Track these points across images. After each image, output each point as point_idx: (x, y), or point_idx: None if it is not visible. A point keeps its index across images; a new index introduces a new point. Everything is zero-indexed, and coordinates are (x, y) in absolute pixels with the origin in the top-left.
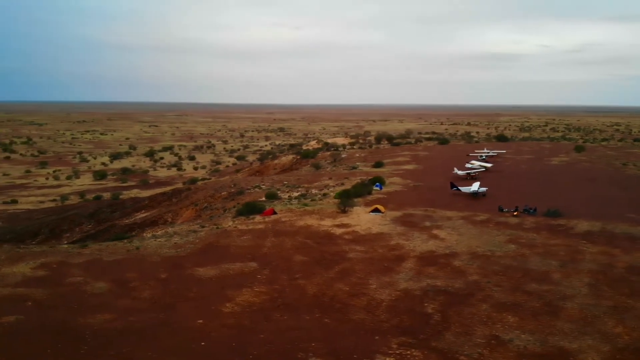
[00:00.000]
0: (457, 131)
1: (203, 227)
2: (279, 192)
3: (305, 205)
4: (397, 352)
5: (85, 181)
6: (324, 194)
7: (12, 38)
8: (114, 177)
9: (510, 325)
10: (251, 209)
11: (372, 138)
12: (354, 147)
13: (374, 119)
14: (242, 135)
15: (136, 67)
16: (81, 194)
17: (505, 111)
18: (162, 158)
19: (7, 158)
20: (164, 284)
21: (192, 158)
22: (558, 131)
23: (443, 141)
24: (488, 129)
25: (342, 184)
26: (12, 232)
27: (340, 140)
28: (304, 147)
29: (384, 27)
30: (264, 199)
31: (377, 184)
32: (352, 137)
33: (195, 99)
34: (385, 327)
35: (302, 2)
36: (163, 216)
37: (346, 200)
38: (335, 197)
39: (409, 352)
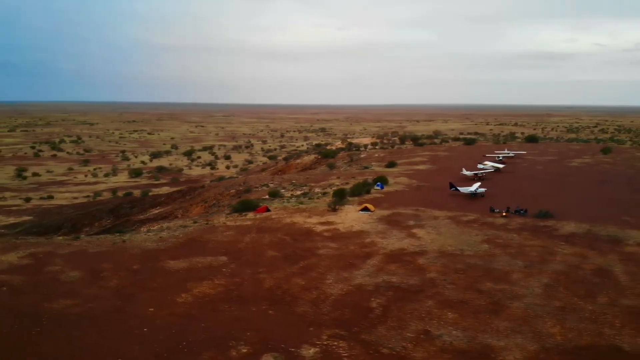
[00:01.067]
0: (501, 132)
1: (195, 222)
2: (283, 190)
3: (301, 203)
4: (325, 343)
5: (121, 179)
6: (324, 193)
7: (71, 41)
8: (149, 175)
9: (447, 322)
10: (246, 206)
11: (397, 138)
12: (376, 147)
13: (418, 119)
14: (282, 136)
15: (187, 69)
16: (114, 190)
17: (558, 111)
18: (199, 157)
19: (54, 156)
20: (132, 275)
21: (227, 157)
22: (607, 132)
23: (469, 141)
24: (535, 129)
25: (347, 183)
26: (39, 226)
27: (365, 141)
28: (329, 147)
29: (432, 26)
30: (267, 196)
31: (379, 183)
32: (377, 137)
33: (242, 100)
34: (324, 320)
35: (345, 2)
36: (174, 212)
37: (337, 199)
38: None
39: (335, 343)
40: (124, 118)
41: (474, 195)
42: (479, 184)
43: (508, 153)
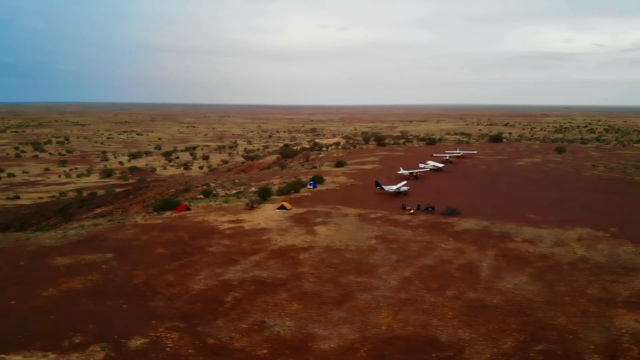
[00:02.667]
0: (490, 132)
1: (110, 221)
2: (220, 189)
3: (226, 202)
4: (158, 334)
5: (93, 179)
6: (255, 192)
7: (70, 42)
8: (120, 175)
9: (287, 313)
10: (166, 205)
11: (361, 139)
12: (339, 147)
13: (413, 120)
14: (270, 136)
15: (187, 70)
16: (79, 191)
17: (555, 111)
18: (177, 158)
19: (36, 157)
20: (14, 270)
21: (205, 158)
22: (595, 132)
23: (431, 142)
24: (523, 129)
25: (284, 182)
26: None
27: (332, 141)
28: (295, 148)
29: (432, 27)
30: (200, 196)
31: (312, 182)
32: (345, 137)
33: (241, 100)
34: (171, 313)
35: (345, 3)
36: (114, 212)
37: (259, 198)
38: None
39: (168, 335)
40: (117, 119)
41: (397, 193)
42: (403, 182)
43: (457, 153)
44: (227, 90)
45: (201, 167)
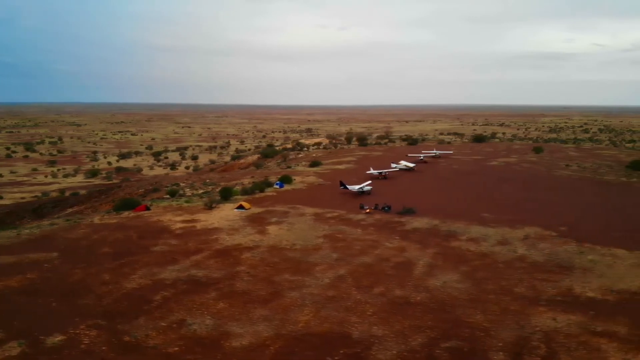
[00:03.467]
0: (484, 132)
1: (67, 220)
2: (189, 189)
3: (188, 202)
4: (77, 331)
5: (78, 179)
6: (217, 192)
7: (70, 42)
8: (105, 175)
9: (210, 312)
10: (126, 205)
11: (344, 139)
12: (320, 147)
13: (410, 120)
14: (264, 136)
15: (187, 70)
16: (62, 190)
17: (554, 111)
18: (166, 158)
19: (26, 157)
20: None
21: (194, 158)
22: (589, 132)
23: (413, 142)
24: (518, 129)
25: (254, 182)
26: None
27: (316, 140)
28: (278, 148)
29: (432, 27)
30: (166, 195)
31: (278, 182)
32: (329, 137)
33: (241, 101)
34: (96, 311)
35: (345, 3)
36: (84, 212)
37: (215, 198)
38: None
39: (87, 332)
40: (114, 119)
41: (360, 193)
42: (368, 182)
43: (432, 153)
44: (227, 91)
45: (187, 168)
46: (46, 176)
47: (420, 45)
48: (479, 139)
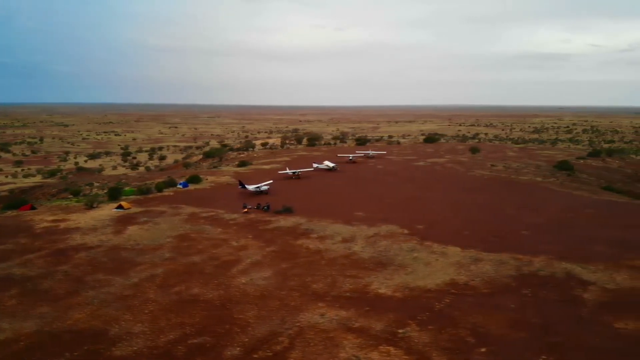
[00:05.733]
0: (468, 132)
1: None
2: (97, 189)
3: (78, 201)
4: None
5: (36, 179)
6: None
7: (68, 43)
8: (61, 175)
9: None
10: (14, 205)
11: (294, 139)
12: (266, 147)
13: (400, 120)
14: (246, 137)
15: (186, 70)
16: (12, 191)
17: (548, 112)
18: (134, 158)
19: None
20: None
21: (162, 158)
22: (571, 133)
23: (362, 142)
24: (503, 130)
25: (163, 182)
26: None
27: (271, 141)
28: (228, 147)
29: (430, 27)
30: (70, 195)
31: (182, 182)
32: (282, 137)
33: (238, 101)
34: None
35: (342, 3)
36: None
37: (94, 197)
38: (124, 194)
39: None
40: (105, 119)
41: (258, 192)
42: (268, 182)
43: (361, 154)
44: (224, 91)
45: (147, 168)
46: (7, 176)
47: (419, 46)
48: (430, 139)
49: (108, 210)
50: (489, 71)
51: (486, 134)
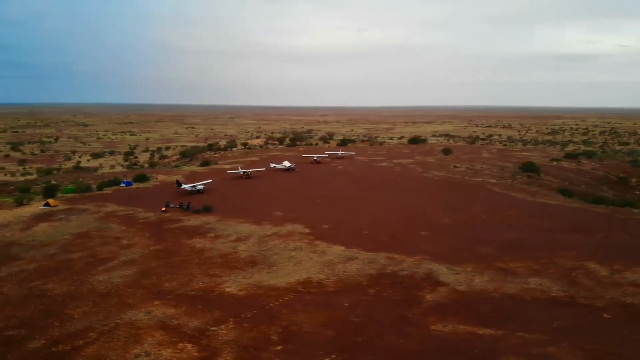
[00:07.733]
0: (483, 133)
1: None
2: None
3: (15, 199)
4: None
5: (31, 178)
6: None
7: (91, 44)
8: (55, 174)
9: None
10: None
11: (277, 140)
12: (245, 147)
13: (419, 121)
14: (257, 137)
15: (208, 72)
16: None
17: (573, 113)
18: (135, 157)
19: (7, 156)
20: None
21: (163, 157)
22: (587, 135)
23: (342, 143)
24: (519, 131)
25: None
26: None
27: (256, 141)
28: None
29: (452, 28)
30: (17, 192)
31: (126, 181)
32: (267, 137)
33: (261, 102)
34: None
35: (364, 4)
36: None
37: (24, 194)
38: (63, 192)
39: None
40: (125, 119)
41: (193, 191)
42: (207, 181)
43: (335, 153)
44: (246, 92)
45: (142, 167)
46: (6, 175)
47: (439, 46)
48: (414, 140)
49: (34, 208)
50: (513, 72)
51: (500, 135)
